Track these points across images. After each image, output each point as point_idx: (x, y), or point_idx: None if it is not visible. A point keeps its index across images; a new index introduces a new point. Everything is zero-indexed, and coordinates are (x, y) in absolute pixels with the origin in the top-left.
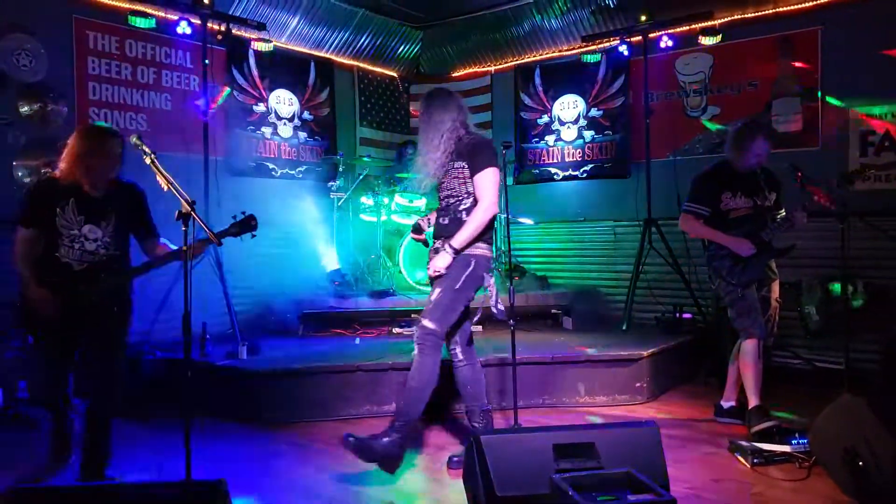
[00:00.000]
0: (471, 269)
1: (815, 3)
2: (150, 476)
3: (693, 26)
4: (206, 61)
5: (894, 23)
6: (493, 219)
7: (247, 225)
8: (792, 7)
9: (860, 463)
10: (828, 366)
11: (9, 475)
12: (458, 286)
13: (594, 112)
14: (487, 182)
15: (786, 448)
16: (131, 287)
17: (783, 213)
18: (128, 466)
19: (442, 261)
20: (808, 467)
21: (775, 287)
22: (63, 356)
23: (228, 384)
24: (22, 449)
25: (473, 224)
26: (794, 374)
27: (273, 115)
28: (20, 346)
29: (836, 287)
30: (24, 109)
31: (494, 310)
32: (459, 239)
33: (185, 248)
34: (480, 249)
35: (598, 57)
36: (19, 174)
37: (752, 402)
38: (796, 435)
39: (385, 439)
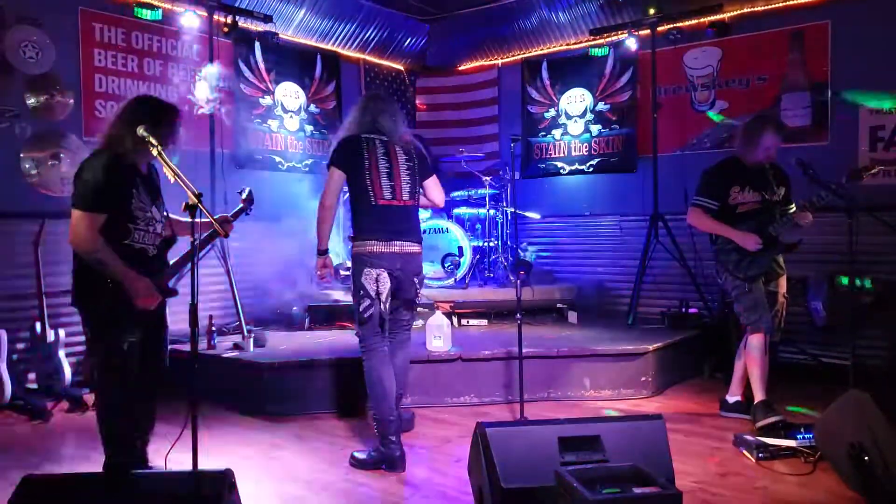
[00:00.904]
0: (352, 268)
1: None
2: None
3: (702, 20)
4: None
5: None
6: (353, 213)
7: (251, 199)
8: (801, 1)
9: (865, 458)
10: (834, 361)
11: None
12: (351, 288)
13: (601, 106)
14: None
15: (791, 443)
16: None
17: (792, 208)
18: None
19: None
20: (814, 462)
21: (782, 282)
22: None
23: (234, 376)
24: (30, 440)
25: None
26: (801, 370)
27: (279, 107)
28: (27, 338)
29: (844, 280)
30: (31, 101)
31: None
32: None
33: (193, 239)
34: (355, 248)
35: (605, 51)
36: (26, 166)
37: (758, 396)
38: (801, 430)
39: (381, 447)
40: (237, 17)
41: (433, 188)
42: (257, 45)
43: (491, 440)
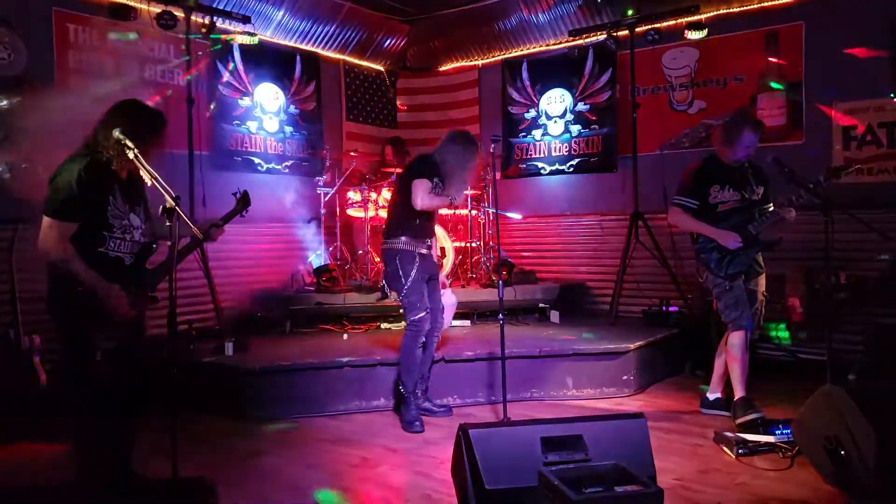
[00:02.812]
0: None
1: None
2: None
3: (679, 21)
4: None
5: (874, 19)
6: None
7: (245, 200)
8: (776, 2)
9: (842, 452)
10: (810, 357)
11: None
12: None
13: (581, 106)
14: None
15: (770, 438)
16: None
17: (771, 206)
18: None
19: None
20: (792, 457)
21: (762, 281)
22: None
23: (215, 381)
24: (4, 449)
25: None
26: (778, 366)
27: (259, 109)
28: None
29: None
30: (3, 104)
31: None
32: None
33: (172, 243)
34: None
35: (585, 51)
36: None
37: (738, 393)
38: (780, 425)
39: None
40: (215, 18)
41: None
42: (236, 46)
43: (474, 441)
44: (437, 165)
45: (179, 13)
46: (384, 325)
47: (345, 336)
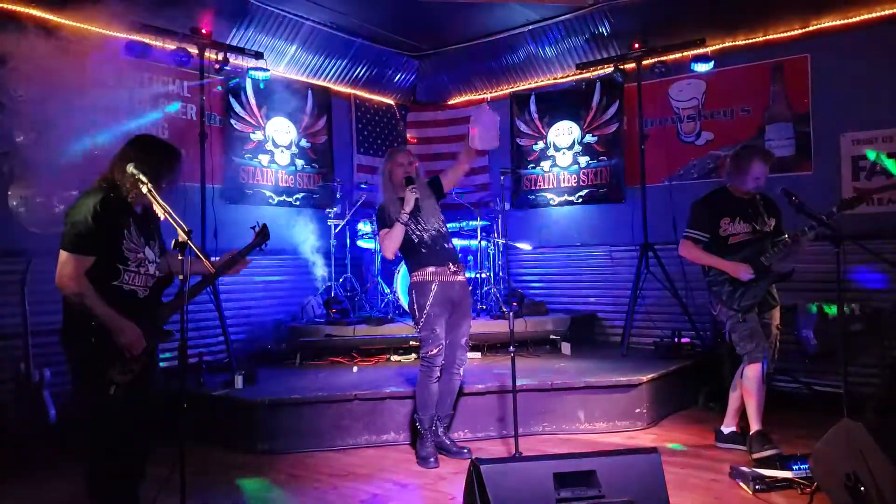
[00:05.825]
0: None
1: (802, 31)
2: None
3: (686, 53)
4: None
5: (879, 49)
6: None
7: (265, 234)
8: (781, 35)
9: (861, 488)
10: (826, 389)
11: None
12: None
13: (589, 138)
14: None
15: (787, 474)
16: None
17: (784, 237)
18: None
19: None
20: (811, 493)
21: (776, 314)
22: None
23: (224, 414)
24: (13, 484)
25: None
26: (793, 399)
27: (270, 142)
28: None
29: (832, 309)
30: (20, 139)
31: None
32: None
33: (181, 276)
34: None
35: (592, 84)
36: (13, 203)
37: (754, 427)
38: (798, 461)
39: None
40: (228, 54)
41: None
42: (248, 81)
43: (485, 477)
44: (382, 208)
45: (193, 49)
46: (394, 358)
47: (354, 369)
